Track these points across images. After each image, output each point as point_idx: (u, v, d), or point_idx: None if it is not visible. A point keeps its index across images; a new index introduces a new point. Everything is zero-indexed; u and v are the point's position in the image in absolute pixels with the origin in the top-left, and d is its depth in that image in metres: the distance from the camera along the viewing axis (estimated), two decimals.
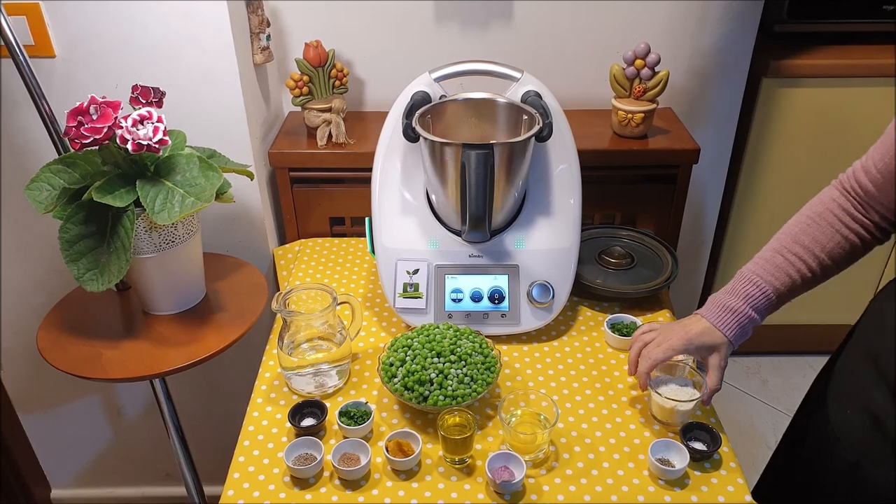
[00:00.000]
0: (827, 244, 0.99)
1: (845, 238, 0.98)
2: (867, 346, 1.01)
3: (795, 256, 1.00)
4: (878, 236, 0.98)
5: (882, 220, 0.96)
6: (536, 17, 1.61)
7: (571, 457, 1.07)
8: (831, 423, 1.02)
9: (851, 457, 0.98)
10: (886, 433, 0.94)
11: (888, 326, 0.98)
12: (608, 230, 1.54)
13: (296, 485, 1.04)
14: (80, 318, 1.34)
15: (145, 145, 1.11)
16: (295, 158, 1.56)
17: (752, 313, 1.04)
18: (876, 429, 0.95)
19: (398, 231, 1.32)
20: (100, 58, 1.36)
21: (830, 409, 1.04)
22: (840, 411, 1.02)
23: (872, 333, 1.02)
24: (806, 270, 1.00)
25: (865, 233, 0.98)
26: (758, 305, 1.03)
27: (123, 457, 1.97)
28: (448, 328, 1.19)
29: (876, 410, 0.95)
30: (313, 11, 1.61)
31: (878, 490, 0.95)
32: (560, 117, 1.30)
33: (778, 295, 1.03)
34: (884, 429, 0.94)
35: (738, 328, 1.05)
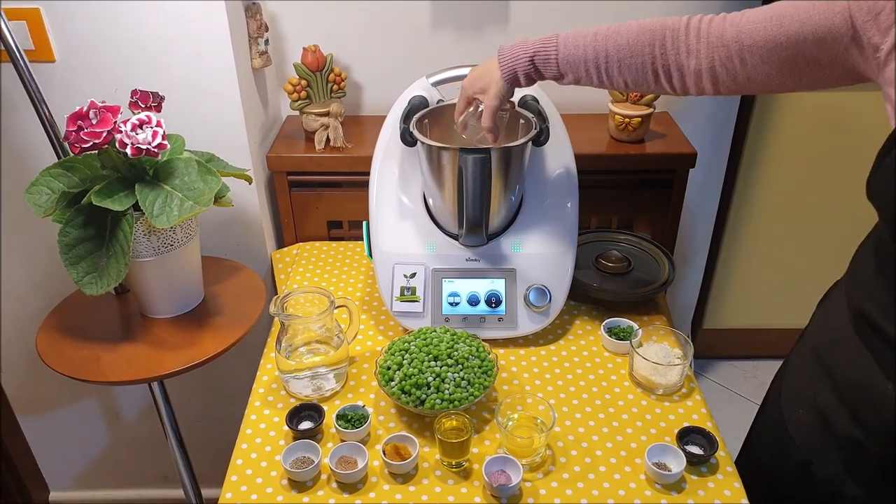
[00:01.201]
0: (632, 77, 0.99)
1: (655, 75, 0.97)
2: (813, 344, 1.03)
3: (604, 53, 1.00)
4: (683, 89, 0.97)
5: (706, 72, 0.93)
6: (532, 21, 1.61)
7: (568, 460, 1.08)
8: (785, 422, 1.04)
9: (804, 455, 1.00)
10: (832, 429, 0.95)
11: (830, 324, 0.99)
12: (605, 234, 1.54)
13: (293, 488, 1.04)
14: (79, 321, 1.34)
15: (144, 149, 1.11)
16: (293, 162, 1.56)
17: (531, 64, 1.05)
18: (823, 426, 0.97)
19: (395, 235, 1.32)
20: (99, 62, 1.36)
21: (784, 408, 1.05)
22: (792, 411, 1.03)
23: (817, 332, 1.04)
24: (596, 80, 1.02)
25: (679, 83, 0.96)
26: (542, 61, 1.04)
27: (121, 459, 1.97)
28: (445, 332, 1.19)
29: (821, 407, 0.97)
30: (311, 16, 1.61)
31: (827, 486, 0.97)
32: (557, 121, 1.31)
33: (559, 72, 1.04)
34: (829, 425, 0.96)
35: (511, 67, 1.06)
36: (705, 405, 1.18)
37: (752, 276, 2.22)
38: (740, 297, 2.27)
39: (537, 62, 1.05)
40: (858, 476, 0.94)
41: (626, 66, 0.99)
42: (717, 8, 1.63)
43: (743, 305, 2.29)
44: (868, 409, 0.90)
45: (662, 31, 0.96)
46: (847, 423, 0.93)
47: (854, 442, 0.93)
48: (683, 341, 1.21)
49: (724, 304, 2.29)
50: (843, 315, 0.95)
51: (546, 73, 1.06)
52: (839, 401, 0.95)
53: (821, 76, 0.86)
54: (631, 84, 1.01)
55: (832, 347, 0.98)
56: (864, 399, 0.90)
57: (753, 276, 2.22)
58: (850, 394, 0.93)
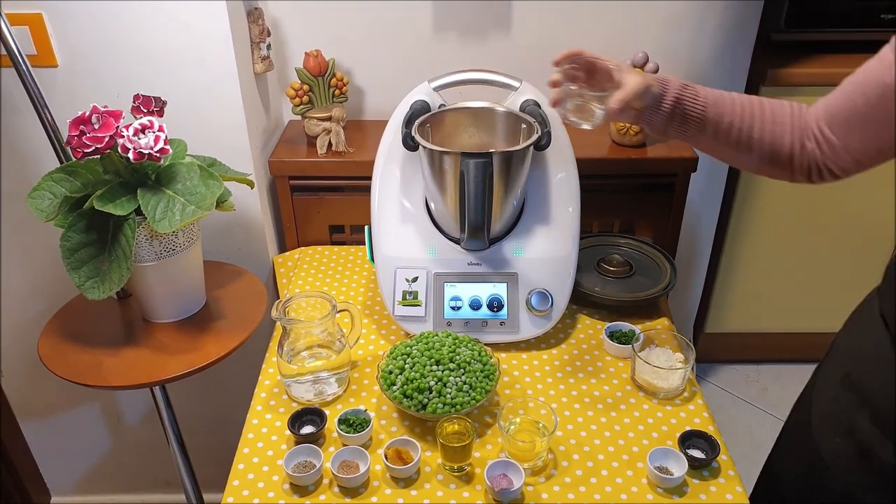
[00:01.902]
0: (776, 126, 0.96)
1: (791, 135, 0.96)
2: (845, 369, 1.00)
3: (747, 107, 0.98)
4: (807, 170, 0.97)
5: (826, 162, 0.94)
6: (535, 26, 1.62)
7: (570, 464, 1.08)
8: (820, 452, 1.01)
9: (842, 486, 0.97)
10: (875, 459, 0.93)
11: (864, 347, 0.97)
12: (607, 238, 1.54)
13: (295, 492, 1.04)
14: (81, 325, 1.34)
15: (146, 154, 1.11)
16: (295, 167, 1.56)
17: (682, 90, 1.00)
18: (864, 456, 0.94)
19: (397, 239, 1.32)
20: (101, 67, 1.37)
21: (817, 438, 1.02)
22: (828, 441, 1.00)
23: (848, 356, 1.01)
24: (741, 122, 0.98)
25: (806, 155, 0.96)
26: (691, 95, 0.99)
27: (123, 464, 1.97)
28: (447, 336, 1.19)
29: (861, 437, 0.94)
30: (313, 21, 1.61)
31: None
32: (558, 126, 1.31)
33: (705, 108, 0.99)
34: (871, 455, 0.93)
35: (670, 83, 1.00)
36: (707, 409, 1.18)
37: (753, 280, 2.22)
38: (742, 301, 2.27)
39: (687, 92, 0.99)
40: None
41: (769, 130, 0.97)
42: (719, 8, 1.64)
43: (745, 309, 2.29)
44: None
45: (794, 107, 0.97)
46: (891, 454, 0.91)
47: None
48: (685, 345, 1.21)
49: (725, 308, 2.29)
50: (882, 339, 0.92)
51: (692, 110, 0.99)
52: (881, 431, 0.92)
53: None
54: (767, 151, 0.97)
55: (869, 374, 0.95)
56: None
57: (755, 281, 2.22)
58: (893, 422, 0.90)
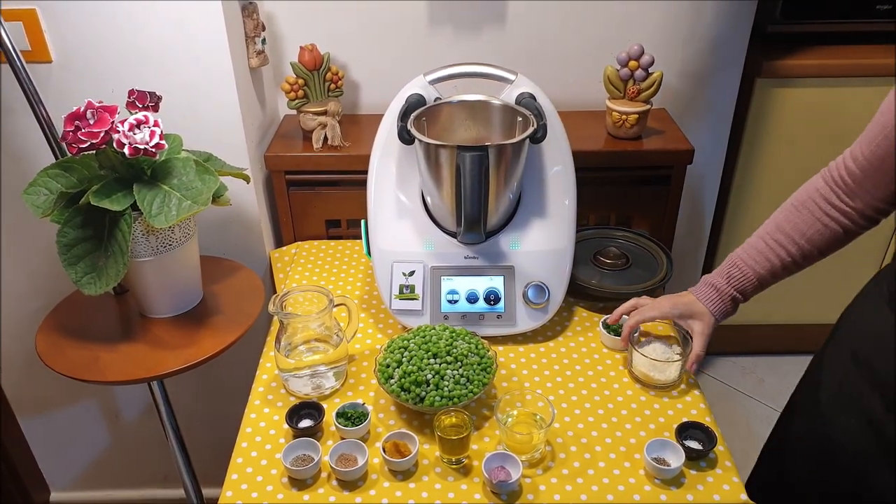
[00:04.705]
0: (807, 231, 1.03)
1: (825, 226, 1.01)
2: (852, 348, 1.02)
3: (776, 243, 1.06)
4: (862, 223, 1.00)
5: (866, 208, 0.98)
6: (530, 19, 1.61)
7: (567, 456, 1.08)
8: (829, 430, 1.03)
9: (853, 463, 0.99)
10: (884, 437, 0.95)
11: (871, 327, 0.99)
12: (603, 231, 1.54)
13: (294, 486, 1.05)
14: (78, 321, 1.34)
15: (142, 149, 1.11)
16: (291, 161, 1.56)
17: (733, 293, 1.13)
18: (873, 433, 0.96)
19: (394, 233, 1.32)
20: (96, 63, 1.36)
21: (827, 416, 1.04)
22: (837, 419, 1.02)
23: (856, 336, 1.03)
24: (786, 255, 1.06)
25: (847, 220, 1.00)
26: (740, 287, 1.12)
27: (122, 459, 1.97)
28: (444, 329, 1.19)
29: (871, 415, 0.97)
30: (308, 15, 1.61)
31: (883, 494, 0.96)
32: (554, 119, 1.31)
33: (759, 278, 1.10)
34: (882, 433, 0.95)
35: (721, 304, 1.14)
36: (704, 400, 1.18)
37: None
38: None
39: (734, 284, 1.12)
40: None
41: (808, 238, 1.03)
42: (713, 8, 1.64)
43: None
44: None
45: (804, 199, 1.04)
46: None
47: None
48: (682, 337, 1.21)
49: None
50: (888, 322, 0.95)
51: (748, 287, 1.12)
52: (888, 409, 0.94)
53: None
54: (823, 249, 1.04)
55: (877, 353, 0.97)
56: None
57: None
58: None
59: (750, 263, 1.09)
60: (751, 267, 1.09)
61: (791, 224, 1.04)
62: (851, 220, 0.99)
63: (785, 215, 1.06)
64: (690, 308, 1.16)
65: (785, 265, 1.07)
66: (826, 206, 1.01)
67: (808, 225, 1.03)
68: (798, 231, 1.04)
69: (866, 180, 0.96)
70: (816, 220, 1.02)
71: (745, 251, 1.10)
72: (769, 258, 1.07)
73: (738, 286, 1.12)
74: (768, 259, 1.07)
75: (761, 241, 1.08)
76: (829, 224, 1.01)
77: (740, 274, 1.11)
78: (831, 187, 1.01)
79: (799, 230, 1.03)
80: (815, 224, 1.02)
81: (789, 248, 1.05)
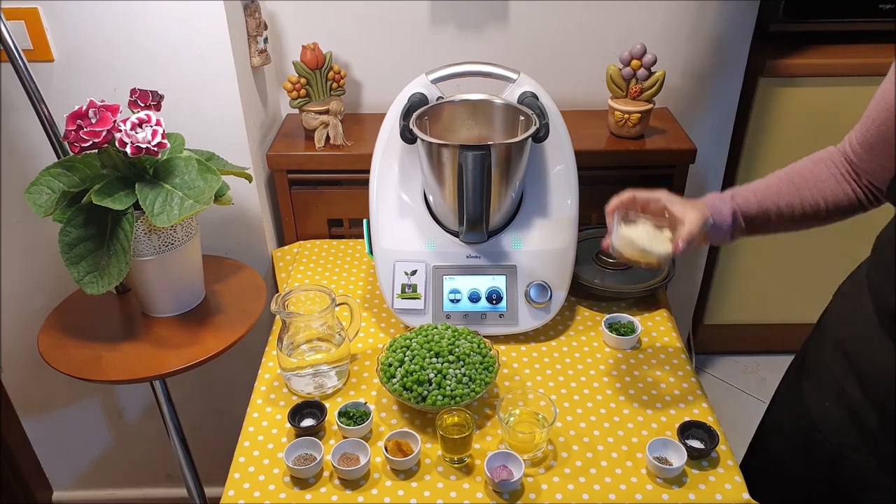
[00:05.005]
0: (822, 184, 1.00)
1: (839, 184, 1.00)
2: (835, 337, 1.04)
3: (790, 182, 1.01)
4: (870, 198, 1.00)
5: (871, 186, 0.98)
6: (532, 18, 1.61)
7: (570, 455, 1.08)
8: (812, 416, 1.05)
9: (833, 448, 1.01)
10: (862, 424, 0.97)
11: (852, 317, 1.00)
12: (605, 230, 1.54)
13: (296, 485, 1.05)
14: (81, 320, 1.34)
15: (144, 148, 1.11)
16: (293, 160, 1.56)
17: (732, 203, 1.03)
18: (853, 420, 0.98)
19: (396, 232, 1.32)
20: (98, 62, 1.36)
21: (809, 402, 1.06)
22: (819, 405, 1.04)
23: (838, 325, 1.05)
24: (794, 198, 1.01)
25: (859, 188, 0.99)
26: (741, 203, 1.03)
27: (124, 458, 1.97)
28: (446, 328, 1.19)
29: (850, 402, 0.98)
30: (310, 14, 1.61)
31: (859, 478, 0.99)
32: (557, 118, 1.31)
33: (760, 205, 1.02)
34: (859, 419, 0.97)
35: (721, 207, 1.03)
36: (706, 400, 1.18)
37: (752, 271, 2.22)
38: (741, 293, 2.27)
39: (737, 204, 1.03)
40: (891, 468, 0.95)
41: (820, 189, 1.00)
42: (716, 7, 1.64)
43: (744, 301, 2.29)
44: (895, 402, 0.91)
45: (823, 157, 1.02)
46: (876, 417, 0.94)
47: (885, 437, 0.94)
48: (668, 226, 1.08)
49: (725, 300, 2.29)
50: (867, 310, 0.96)
51: (746, 209, 1.04)
52: (866, 397, 0.96)
53: None
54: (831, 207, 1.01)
55: (857, 342, 0.98)
56: (892, 392, 0.91)
57: (754, 272, 2.22)
58: (878, 390, 0.94)
59: (755, 188, 1.04)
60: (752, 191, 1.03)
61: (808, 170, 1.01)
62: (862, 188, 0.99)
63: (802, 164, 1.03)
64: (688, 201, 1.06)
65: (790, 207, 1.01)
66: (843, 169, 1.00)
67: (824, 178, 1.00)
68: (814, 178, 1.00)
69: (862, 163, 0.97)
70: (832, 176, 1.00)
71: (754, 183, 1.05)
72: (778, 193, 1.02)
73: (740, 202, 1.03)
74: (777, 193, 1.02)
75: (773, 178, 1.04)
76: (842, 183, 0.99)
77: (745, 190, 1.04)
78: (845, 158, 1.00)
79: (815, 177, 1.00)
80: (829, 179, 1.00)
81: (802, 192, 1.01)
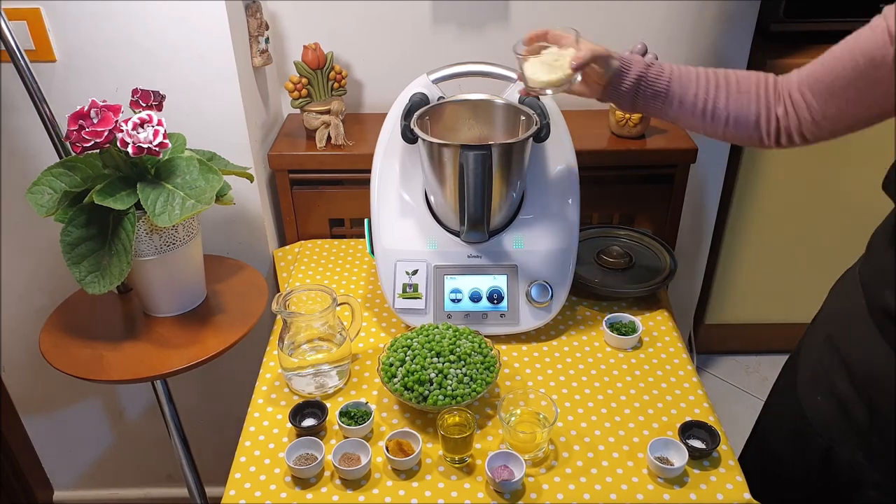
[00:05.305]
0: (741, 97, 0.99)
1: (753, 105, 0.98)
2: (827, 331, 1.05)
3: (715, 81, 1.00)
4: (776, 137, 0.99)
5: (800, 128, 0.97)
6: (533, 18, 1.61)
7: (571, 455, 1.08)
8: (804, 409, 1.06)
9: (824, 442, 1.02)
10: (851, 417, 0.98)
11: (845, 312, 1.01)
12: (606, 230, 1.54)
13: (297, 484, 1.05)
14: (82, 320, 1.34)
15: (146, 148, 1.11)
16: (294, 160, 1.56)
17: (645, 69, 1.03)
18: (842, 413, 0.99)
19: (397, 232, 1.32)
20: (100, 62, 1.36)
21: (801, 396, 1.07)
22: (810, 398, 1.05)
23: (830, 320, 1.06)
24: (706, 97, 1.00)
25: (773, 121, 0.98)
26: (654, 73, 1.03)
27: (125, 458, 1.97)
28: (447, 328, 1.19)
29: (839, 395, 0.99)
30: (312, 14, 1.61)
31: (848, 473, 1.00)
32: (558, 118, 1.31)
33: (668, 86, 1.02)
34: (848, 413, 0.98)
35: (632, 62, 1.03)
36: (707, 399, 1.18)
37: (753, 270, 2.22)
38: (742, 293, 2.27)
39: (651, 72, 1.03)
40: (879, 463, 0.96)
41: (734, 99, 0.99)
42: (716, 7, 1.64)
43: (745, 300, 2.29)
44: (884, 398, 0.92)
45: (761, 76, 1.00)
46: (864, 412, 0.95)
47: (873, 429, 0.95)
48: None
49: (726, 300, 2.29)
50: (859, 304, 0.97)
51: (654, 85, 1.03)
52: (856, 391, 0.96)
53: (886, 96, 0.89)
54: (732, 120, 1.00)
55: (848, 337, 0.99)
56: (881, 388, 0.92)
57: (755, 271, 2.22)
58: (867, 384, 0.95)
59: (675, 69, 1.03)
60: (671, 71, 1.02)
61: (736, 78, 1.00)
62: (772, 121, 0.98)
63: (735, 72, 1.01)
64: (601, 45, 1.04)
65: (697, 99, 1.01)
66: (768, 92, 0.98)
67: (744, 91, 0.99)
68: (736, 87, 0.99)
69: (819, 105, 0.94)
70: (754, 97, 0.98)
71: (680, 66, 1.03)
72: (689, 81, 1.01)
73: (654, 74, 1.02)
74: (690, 81, 1.01)
75: (701, 69, 1.02)
76: (758, 106, 0.98)
77: (663, 67, 1.03)
78: (774, 87, 0.98)
79: (738, 87, 0.99)
80: (749, 96, 0.98)
81: (717, 94, 1.00)
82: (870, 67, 0.87)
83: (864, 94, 0.89)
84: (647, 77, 1.03)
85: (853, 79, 0.89)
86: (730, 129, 1.01)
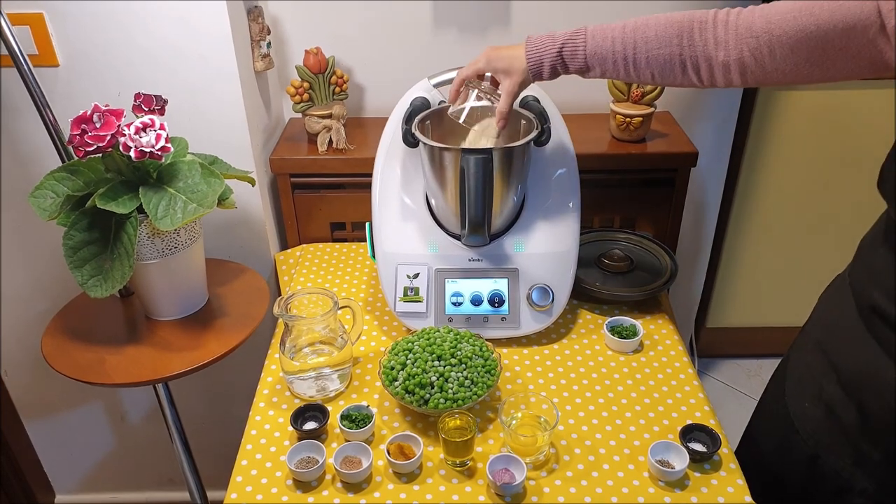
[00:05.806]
0: (661, 66, 0.99)
1: (682, 64, 0.97)
2: (816, 337, 1.04)
3: (632, 45, 1.00)
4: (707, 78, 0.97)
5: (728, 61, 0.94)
6: (533, 22, 1.62)
7: (572, 459, 1.08)
8: (791, 416, 1.05)
9: (810, 449, 1.01)
10: (839, 421, 0.97)
11: (834, 317, 1.01)
12: (607, 233, 1.55)
13: (298, 488, 1.05)
14: (84, 323, 1.35)
15: (148, 152, 1.12)
16: (296, 164, 1.57)
17: (559, 56, 1.06)
18: (830, 419, 0.98)
19: (398, 236, 1.33)
20: (102, 66, 1.37)
21: (789, 402, 1.07)
22: (798, 405, 1.05)
23: (820, 326, 1.05)
24: (629, 68, 1.02)
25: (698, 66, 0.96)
26: (570, 53, 1.05)
27: (127, 462, 1.97)
28: (448, 332, 1.20)
29: (828, 400, 0.98)
30: (313, 19, 1.62)
31: (835, 479, 0.99)
32: (558, 122, 1.31)
33: (588, 60, 1.04)
34: (836, 417, 0.97)
35: (545, 58, 1.07)
36: (708, 402, 1.18)
37: (755, 274, 2.22)
38: (743, 296, 2.27)
39: (565, 55, 1.05)
40: (866, 469, 0.95)
41: (654, 57, 0.99)
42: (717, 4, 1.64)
43: (746, 304, 2.29)
44: (874, 398, 0.91)
45: (690, 24, 0.96)
46: (854, 415, 0.94)
47: (861, 433, 0.94)
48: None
49: (727, 303, 2.29)
50: (849, 307, 0.96)
51: (572, 67, 1.06)
52: (845, 393, 0.96)
53: (847, 67, 0.86)
54: (658, 76, 1.00)
55: (837, 340, 0.99)
56: (870, 388, 0.91)
57: (756, 275, 2.22)
58: (856, 384, 0.94)
59: (592, 42, 1.03)
60: (591, 45, 1.03)
61: (652, 53, 0.99)
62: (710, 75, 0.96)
63: (656, 26, 0.99)
64: (509, 64, 1.10)
65: (616, 75, 1.03)
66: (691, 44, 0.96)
67: (665, 63, 0.98)
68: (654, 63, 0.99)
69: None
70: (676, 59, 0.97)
71: (601, 30, 1.03)
72: (613, 52, 1.02)
73: (569, 51, 1.05)
74: (613, 52, 1.02)
75: (619, 31, 1.01)
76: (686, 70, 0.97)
77: (578, 42, 1.04)
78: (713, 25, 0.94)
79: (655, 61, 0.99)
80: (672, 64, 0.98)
81: (633, 70, 1.01)
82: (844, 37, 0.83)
83: (829, 61, 0.86)
84: (563, 61, 1.06)
85: (822, 43, 0.85)
86: (658, 81, 1.02)
